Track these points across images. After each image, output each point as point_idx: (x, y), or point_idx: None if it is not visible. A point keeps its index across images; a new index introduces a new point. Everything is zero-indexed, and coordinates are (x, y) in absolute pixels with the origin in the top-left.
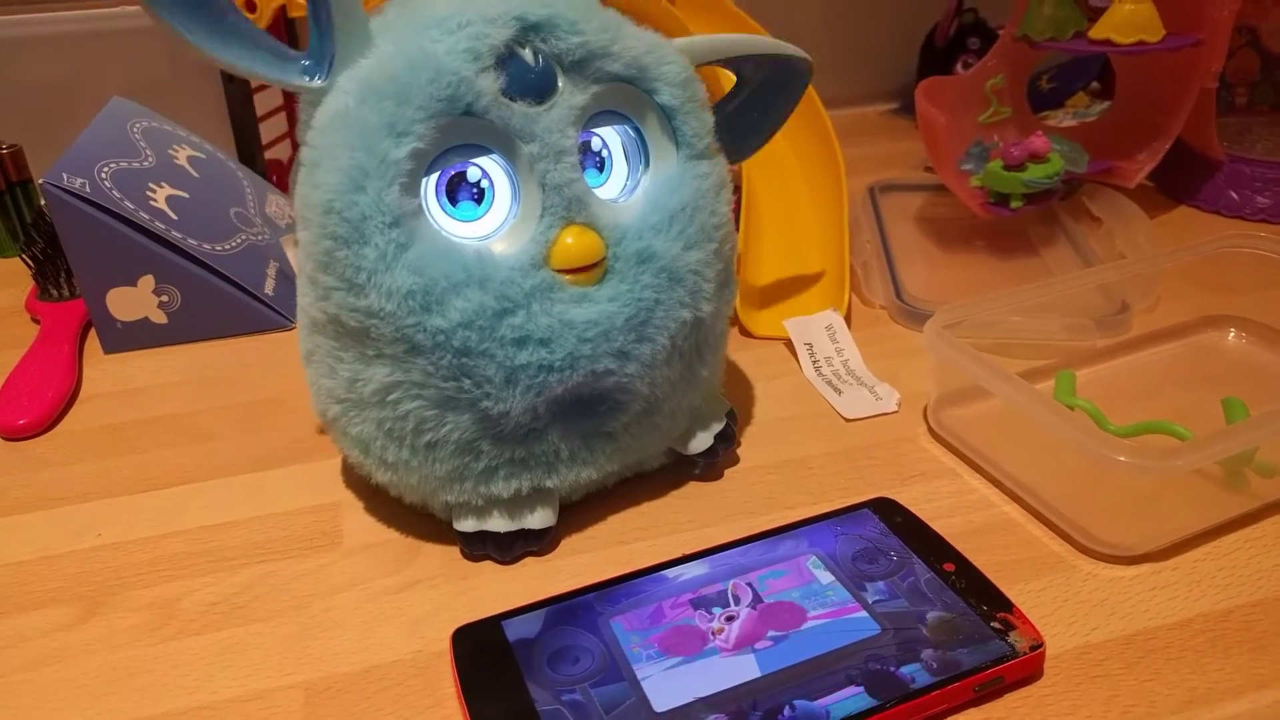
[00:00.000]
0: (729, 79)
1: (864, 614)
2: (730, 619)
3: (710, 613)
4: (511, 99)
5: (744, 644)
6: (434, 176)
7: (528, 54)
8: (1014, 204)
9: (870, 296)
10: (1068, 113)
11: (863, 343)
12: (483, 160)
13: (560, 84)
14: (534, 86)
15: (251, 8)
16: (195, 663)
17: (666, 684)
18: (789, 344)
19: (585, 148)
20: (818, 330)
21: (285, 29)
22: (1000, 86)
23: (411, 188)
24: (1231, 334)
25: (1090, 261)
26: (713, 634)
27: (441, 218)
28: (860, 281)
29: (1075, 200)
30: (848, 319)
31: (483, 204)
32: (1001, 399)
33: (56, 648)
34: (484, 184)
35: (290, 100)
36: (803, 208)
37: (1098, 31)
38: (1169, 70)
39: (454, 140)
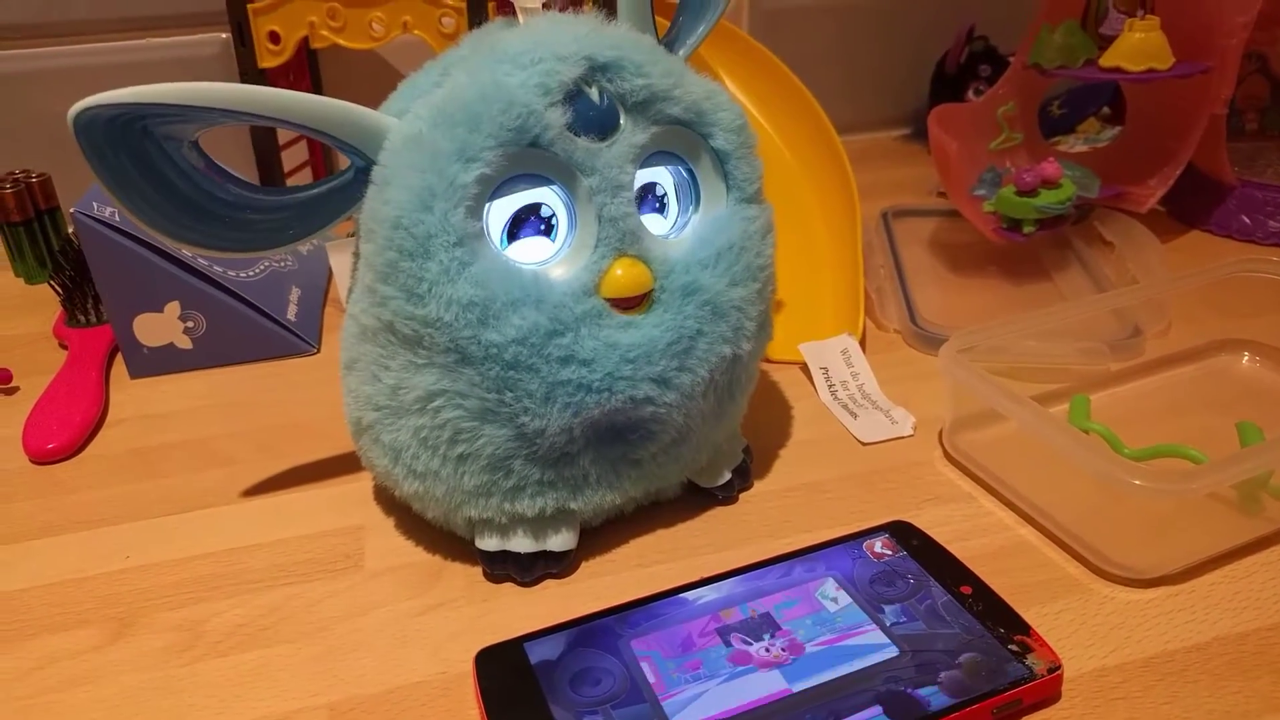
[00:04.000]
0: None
1: (882, 636)
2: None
3: (744, 641)
4: (576, 134)
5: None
6: (497, 201)
7: (594, 92)
8: (1027, 229)
9: (885, 321)
10: (1079, 138)
11: (877, 367)
12: (544, 190)
13: (623, 122)
14: (598, 123)
15: (275, 39)
16: (222, 684)
17: (688, 706)
18: (804, 368)
19: (648, 189)
20: (833, 354)
21: (308, 59)
22: (1012, 113)
23: (476, 211)
24: (1245, 358)
25: (1103, 286)
26: (739, 658)
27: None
28: (875, 306)
29: (1087, 225)
30: (862, 343)
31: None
32: (1016, 423)
33: (86, 668)
34: (554, 220)
35: None
36: (817, 232)
37: (1108, 59)
38: (1179, 96)
39: (519, 169)
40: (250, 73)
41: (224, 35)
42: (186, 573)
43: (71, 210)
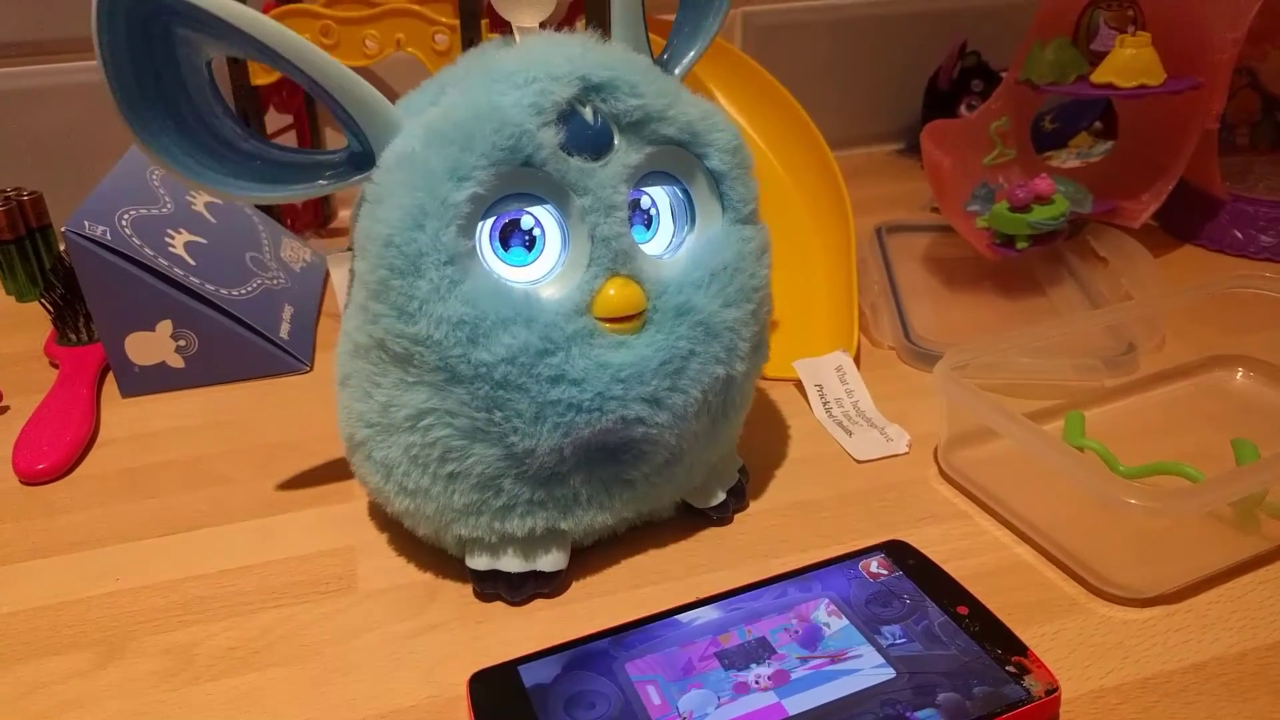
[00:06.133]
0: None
1: (879, 658)
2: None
3: (741, 665)
4: (569, 153)
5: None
6: (490, 221)
7: (588, 112)
8: (1020, 244)
9: (879, 337)
10: (1071, 153)
11: (872, 383)
12: (537, 209)
13: (616, 142)
14: (591, 143)
15: None
16: (213, 708)
17: None
18: (799, 385)
19: (635, 205)
20: (827, 371)
21: None
22: (1004, 129)
23: (468, 229)
24: (1240, 373)
25: (1096, 301)
26: (735, 682)
27: (493, 260)
28: (869, 322)
29: (1080, 240)
30: (857, 360)
31: (533, 250)
32: (1011, 440)
33: (76, 693)
34: (536, 231)
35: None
36: (810, 249)
37: (1099, 75)
38: (1171, 111)
39: (511, 188)
40: (243, 89)
41: None
42: (177, 595)
43: (63, 229)
